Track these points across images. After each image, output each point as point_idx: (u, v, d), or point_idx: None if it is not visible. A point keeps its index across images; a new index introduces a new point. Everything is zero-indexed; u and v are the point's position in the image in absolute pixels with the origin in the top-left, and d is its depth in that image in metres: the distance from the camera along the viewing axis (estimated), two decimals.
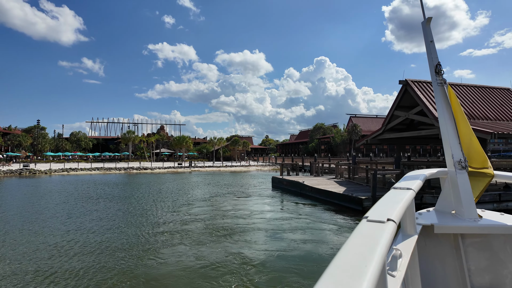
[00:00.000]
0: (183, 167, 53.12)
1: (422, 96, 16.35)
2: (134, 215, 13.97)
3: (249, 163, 66.49)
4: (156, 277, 6.84)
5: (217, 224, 11.88)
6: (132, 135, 69.96)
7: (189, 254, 8.33)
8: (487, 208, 10.19)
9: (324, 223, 11.98)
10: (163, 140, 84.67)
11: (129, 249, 8.87)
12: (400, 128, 19.60)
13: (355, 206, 13.91)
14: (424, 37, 2.70)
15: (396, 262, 1.53)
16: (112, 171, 46.11)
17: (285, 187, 22.33)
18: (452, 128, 2.49)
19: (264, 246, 9.13)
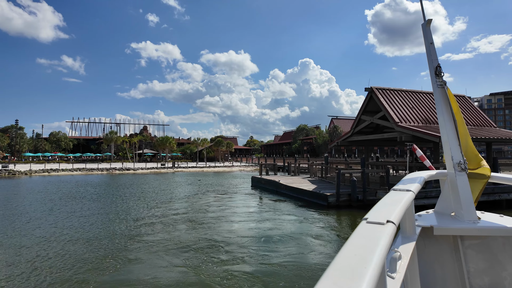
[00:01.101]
0: (166, 167, 53.56)
1: (385, 102, 18.04)
2: (116, 213, 14.86)
3: (232, 163, 67.52)
4: (136, 273, 7.89)
5: (197, 219, 12.99)
6: (114, 136, 69.52)
7: (169, 250, 9.42)
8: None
9: (291, 215, 13.33)
10: (146, 141, 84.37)
11: (107, 248, 9.87)
12: (367, 131, 21.29)
13: (321, 201, 15.36)
14: (424, 39, 2.67)
15: (395, 264, 1.53)
16: (94, 171, 46.08)
17: (263, 186, 23.64)
18: (452, 130, 2.48)
19: (238, 235, 10.33)
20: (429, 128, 16.21)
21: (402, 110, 17.89)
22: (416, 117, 17.83)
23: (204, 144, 74.35)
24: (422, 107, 18.93)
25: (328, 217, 13.21)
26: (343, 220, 12.95)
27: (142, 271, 7.18)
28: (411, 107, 18.46)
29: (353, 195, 14.98)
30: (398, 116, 17.27)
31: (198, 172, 49.15)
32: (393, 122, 16.96)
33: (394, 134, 17.25)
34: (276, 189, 20.88)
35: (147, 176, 40.33)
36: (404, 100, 18.79)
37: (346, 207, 14.84)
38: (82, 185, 27.66)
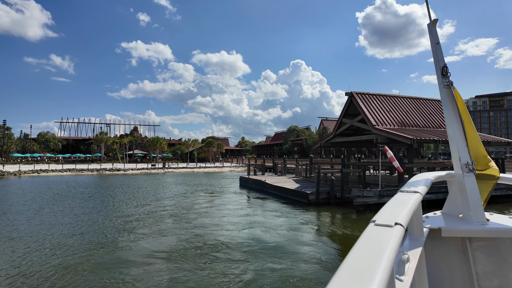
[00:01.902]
0: (156, 168, 53.95)
1: (363, 106, 19.17)
2: (106, 211, 15.54)
3: (223, 164, 68.22)
4: (126, 270, 8.67)
5: (184, 215, 13.80)
6: (105, 136, 69.47)
7: (158, 244, 10.23)
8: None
9: (273, 211, 14.28)
10: (136, 142, 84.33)
11: (94, 248, 10.61)
12: (349, 133, 22.41)
13: (302, 199, 16.36)
14: (430, 39, 2.65)
15: (403, 266, 1.52)
16: (84, 172, 46.22)
17: (250, 186, 24.55)
18: (459, 130, 2.46)
19: (224, 230, 11.19)
20: (403, 131, 17.38)
21: (379, 114, 19.05)
22: (393, 120, 19.00)
23: (195, 145, 74.85)
24: (399, 111, 20.13)
25: (307, 213, 14.19)
26: (320, 216, 13.94)
27: (131, 267, 7.99)
28: (388, 110, 19.64)
29: (332, 193, 16.01)
30: (375, 119, 18.41)
31: (189, 172, 49.74)
32: (370, 125, 18.08)
33: (372, 136, 18.37)
34: (262, 188, 21.81)
35: (137, 176, 40.77)
36: (381, 104, 19.96)
37: (325, 204, 15.86)
38: (72, 186, 28.08)
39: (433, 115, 21.28)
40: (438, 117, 21.22)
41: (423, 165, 20.70)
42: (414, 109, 21.11)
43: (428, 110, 21.54)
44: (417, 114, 20.71)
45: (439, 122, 20.80)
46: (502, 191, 16.18)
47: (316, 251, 8.84)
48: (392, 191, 14.63)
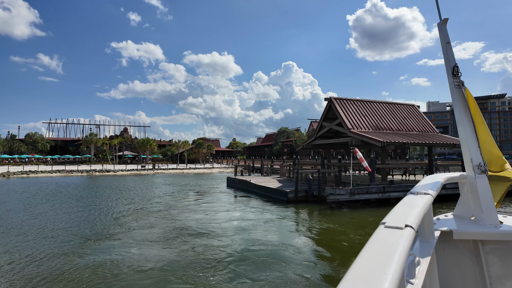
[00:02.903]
0: (146, 169, 54.54)
1: (341, 111, 20.56)
2: (98, 210, 16.46)
3: (212, 165, 69.10)
4: (116, 270, 9.69)
5: (172, 212, 14.85)
6: (94, 138, 69.57)
7: (146, 235, 11.27)
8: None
9: (254, 208, 15.47)
10: (126, 143, 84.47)
11: (82, 246, 11.60)
12: (329, 135, 23.77)
13: (282, 197, 17.61)
14: (440, 38, 2.61)
15: (414, 269, 1.51)
16: (74, 173, 46.55)
17: (237, 185, 25.68)
18: (471, 131, 2.44)
19: (209, 224, 12.30)
20: (376, 134, 18.81)
21: (355, 118, 20.46)
22: (367, 124, 20.44)
23: (185, 146, 75.55)
24: (374, 115, 21.59)
25: (285, 209, 15.42)
26: (295, 211, 15.14)
27: (121, 256, 9.05)
28: (364, 115, 21.08)
29: (309, 192, 17.29)
30: (351, 123, 19.80)
31: (178, 173, 50.52)
32: (347, 128, 19.46)
33: (348, 138, 19.73)
34: (247, 188, 22.98)
35: (127, 177, 41.41)
36: (358, 109, 21.38)
37: (303, 202, 17.11)
38: (63, 187, 28.71)
39: (406, 119, 22.81)
40: (410, 121, 22.78)
41: (395, 165, 22.19)
42: (388, 113, 22.61)
43: (402, 115, 23.07)
44: (391, 118, 22.21)
45: (411, 125, 22.36)
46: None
47: (286, 240, 10.03)
48: (363, 189, 15.99)
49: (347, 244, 9.87)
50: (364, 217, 13.88)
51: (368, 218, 13.69)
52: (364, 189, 16.00)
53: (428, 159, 20.96)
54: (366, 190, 15.99)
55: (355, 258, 0.81)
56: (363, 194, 15.87)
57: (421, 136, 20.89)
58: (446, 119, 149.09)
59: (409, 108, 24.31)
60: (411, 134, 21.11)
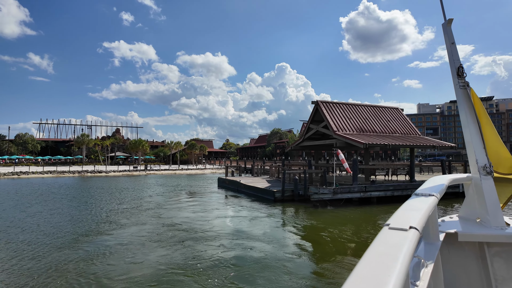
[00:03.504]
0: (138, 170, 54.75)
1: (327, 113, 21.41)
2: (90, 209, 16.97)
3: (205, 166, 69.55)
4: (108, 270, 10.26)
5: (163, 211, 15.45)
6: (86, 138, 69.42)
7: (136, 232, 11.88)
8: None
9: (242, 206, 16.18)
10: (118, 144, 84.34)
11: (69, 246, 12.15)
12: (316, 137, 24.59)
13: (269, 196, 18.36)
14: (445, 39, 2.58)
15: (419, 271, 1.50)
16: (65, 174, 46.58)
17: (227, 186, 26.34)
18: (476, 132, 2.41)
19: (196, 220, 12.96)
20: (359, 136, 19.69)
21: (341, 121, 21.33)
22: (352, 127, 21.33)
23: (177, 147, 75.82)
24: (359, 118, 22.50)
25: (271, 207, 16.16)
26: (281, 209, 15.88)
27: (112, 250, 9.66)
28: (349, 117, 21.97)
29: (295, 191, 18.06)
30: (337, 125, 20.66)
31: (171, 174, 50.91)
32: (332, 130, 20.32)
33: (333, 140, 20.60)
34: (237, 188, 23.67)
35: (119, 178, 41.69)
36: (343, 112, 22.27)
37: (289, 201, 17.88)
38: (55, 187, 28.99)
39: (390, 122, 23.79)
40: (394, 124, 23.76)
41: (377, 166, 23.14)
42: (372, 116, 23.55)
43: (386, 117, 24.04)
44: (375, 121, 23.15)
45: (395, 128, 23.34)
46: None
47: (270, 235, 10.75)
48: (345, 188, 16.83)
49: (327, 239, 10.65)
50: (345, 214, 14.70)
51: (349, 215, 14.51)
52: (347, 188, 16.84)
53: (410, 160, 21.93)
54: (349, 189, 16.83)
55: (359, 259, 0.81)
56: (345, 193, 16.71)
57: (403, 138, 21.87)
58: (436, 121, 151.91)
59: (393, 111, 25.30)
60: (394, 136, 22.07)
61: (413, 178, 19.58)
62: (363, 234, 11.45)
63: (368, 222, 13.61)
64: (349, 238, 10.80)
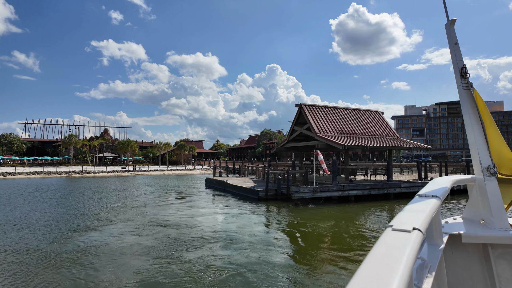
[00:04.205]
0: (127, 171, 54.80)
1: (310, 116, 22.40)
2: (78, 208, 17.46)
3: (194, 167, 69.91)
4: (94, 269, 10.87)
5: (150, 210, 16.09)
6: (74, 139, 68.86)
7: (124, 228, 12.52)
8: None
9: (228, 205, 16.97)
10: (107, 144, 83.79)
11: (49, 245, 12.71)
12: (300, 139, 25.58)
13: (253, 195, 19.22)
14: (448, 39, 2.56)
15: (422, 273, 1.50)
16: (53, 175, 46.36)
17: (215, 186, 27.06)
18: (480, 133, 2.41)
19: (182, 218, 13.66)
20: (339, 138, 20.75)
21: (323, 123, 22.36)
22: (333, 129, 22.38)
23: (166, 148, 75.95)
24: (340, 121, 23.59)
25: (254, 206, 17.00)
26: (263, 207, 16.72)
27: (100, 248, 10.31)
28: (330, 120, 23.02)
29: (278, 190, 18.96)
30: (318, 127, 21.68)
31: (159, 175, 51.20)
32: (314, 132, 21.32)
33: (315, 142, 21.60)
34: (224, 188, 24.43)
35: (107, 179, 41.83)
36: (325, 115, 23.31)
37: (272, 200, 18.75)
38: (43, 188, 29.12)
39: (369, 124, 24.97)
40: (373, 126, 24.95)
41: (356, 166, 24.27)
42: (353, 119, 24.68)
43: (366, 120, 25.22)
44: (356, 123, 24.29)
45: (374, 130, 24.53)
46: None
47: (251, 229, 11.57)
48: (324, 187, 17.82)
49: (305, 233, 11.53)
50: (323, 211, 15.65)
51: (325, 212, 15.47)
52: (326, 187, 17.83)
53: (387, 161, 23.10)
54: (328, 188, 17.82)
55: (362, 260, 0.81)
56: (324, 192, 17.69)
57: (381, 140, 23.06)
58: (422, 123, 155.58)
59: (372, 114, 26.51)
60: (372, 138, 23.23)
61: (390, 178, 20.72)
62: (340, 229, 12.39)
63: (345, 218, 14.56)
64: (325, 233, 11.71)
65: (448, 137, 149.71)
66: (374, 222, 13.58)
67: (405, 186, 19.86)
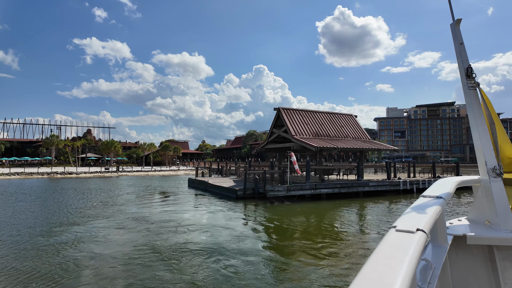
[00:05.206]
0: (110, 171, 54.71)
1: (287, 119, 23.70)
2: (60, 208, 18.07)
3: (178, 167, 70.25)
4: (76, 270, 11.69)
5: (133, 209, 16.91)
6: (55, 139, 67.91)
7: (105, 224, 13.36)
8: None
9: (208, 204, 17.98)
10: (90, 145, 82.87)
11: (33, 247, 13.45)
12: (279, 140, 26.87)
13: (232, 194, 20.32)
14: (453, 39, 2.53)
15: (426, 274, 1.50)
16: (34, 175, 45.91)
17: (197, 186, 27.97)
18: (485, 133, 2.39)
19: (162, 216, 14.59)
20: (313, 140, 22.13)
21: (299, 126, 23.70)
22: (309, 131, 23.76)
23: (151, 149, 75.89)
24: (315, 124, 25.01)
25: (233, 204, 18.10)
26: (241, 205, 17.82)
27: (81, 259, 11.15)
28: (306, 123, 24.40)
29: (256, 189, 20.12)
30: (294, 130, 23.00)
31: (143, 175, 51.45)
32: (291, 135, 22.63)
33: (291, 144, 22.90)
34: (205, 188, 25.40)
35: (90, 180, 41.89)
36: (302, 118, 24.68)
37: (250, 198, 19.90)
38: (24, 189, 29.19)
39: (343, 127, 26.53)
40: (347, 129, 26.53)
41: (330, 167, 25.77)
42: (328, 122, 26.18)
43: (340, 123, 26.77)
44: (330, 126, 25.79)
45: (347, 133, 26.10)
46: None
47: (227, 223, 12.65)
48: (298, 186, 19.12)
49: (278, 227, 12.71)
50: (295, 208, 16.91)
51: (297, 209, 16.74)
52: (299, 186, 19.13)
53: (358, 161, 24.67)
54: (301, 187, 19.13)
55: (365, 261, 0.81)
56: (298, 190, 18.98)
57: (353, 142, 24.63)
58: (403, 124, 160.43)
59: (346, 118, 28.12)
60: (345, 140, 24.77)
61: (360, 177, 22.24)
62: (309, 223, 13.64)
63: (316, 214, 15.84)
64: (295, 226, 12.88)
65: (428, 139, 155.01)
66: (342, 217, 14.94)
67: (373, 185, 21.42)
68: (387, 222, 13.39)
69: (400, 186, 22.43)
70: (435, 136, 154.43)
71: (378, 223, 13.30)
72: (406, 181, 22.89)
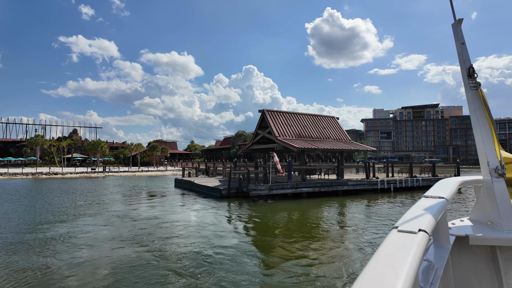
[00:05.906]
0: (96, 172, 54.43)
1: (271, 121, 24.54)
2: (46, 207, 18.38)
3: (166, 168, 70.27)
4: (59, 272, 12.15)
5: (119, 208, 17.38)
6: (40, 139, 66.92)
7: (90, 223, 13.85)
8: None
9: (190, 202, 18.60)
10: (76, 145, 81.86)
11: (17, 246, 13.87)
12: (263, 141, 27.68)
13: (217, 194, 21.02)
14: (455, 39, 2.52)
15: (428, 275, 1.50)
16: (18, 176, 45.36)
17: (183, 185, 28.50)
18: (487, 134, 2.39)
19: (147, 214, 15.14)
20: (295, 141, 23.04)
21: (282, 127, 24.57)
22: (292, 133, 24.66)
23: (138, 149, 75.59)
24: (298, 125, 25.94)
25: (217, 202, 18.79)
26: (225, 204, 18.51)
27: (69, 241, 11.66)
28: (289, 125, 25.30)
29: (240, 189, 20.86)
30: (278, 131, 23.85)
31: (130, 176, 51.43)
32: (274, 136, 23.47)
33: (275, 145, 23.75)
34: (191, 187, 25.98)
35: (76, 180, 41.75)
36: (285, 120, 25.56)
37: (234, 197, 20.62)
38: (10, 189, 29.06)
39: (325, 129, 27.56)
40: (329, 130, 27.57)
41: (311, 167, 26.79)
42: (310, 124, 27.15)
43: (322, 125, 27.79)
44: (313, 128, 26.76)
45: (329, 134, 27.15)
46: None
47: (210, 221, 13.34)
48: (279, 185, 19.96)
49: (259, 222, 13.47)
50: (277, 206, 17.73)
51: (278, 207, 17.57)
52: (281, 185, 19.98)
53: (338, 161, 25.71)
54: (282, 186, 19.98)
55: (367, 262, 0.81)
56: (279, 189, 19.83)
57: (334, 143, 25.67)
58: (389, 126, 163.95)
59: (329, 119, 29.18)
60: (327, 141, 25.79)
61: (339, 177, 23.26)
62: (289, 219, 14.47)
63: (296, 210, 16.68)
64: (275, 222, 13.66)
65: (413, 140, 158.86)
66: (320, 213, 15.85)
67: (352, 184, 22.48)
68: (363, 219, 14.33)
69: (378, 185, 23.57)
70: (420, 137, 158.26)
71: (354, 220, 14.22)
72: (384, 181, 24.04)
